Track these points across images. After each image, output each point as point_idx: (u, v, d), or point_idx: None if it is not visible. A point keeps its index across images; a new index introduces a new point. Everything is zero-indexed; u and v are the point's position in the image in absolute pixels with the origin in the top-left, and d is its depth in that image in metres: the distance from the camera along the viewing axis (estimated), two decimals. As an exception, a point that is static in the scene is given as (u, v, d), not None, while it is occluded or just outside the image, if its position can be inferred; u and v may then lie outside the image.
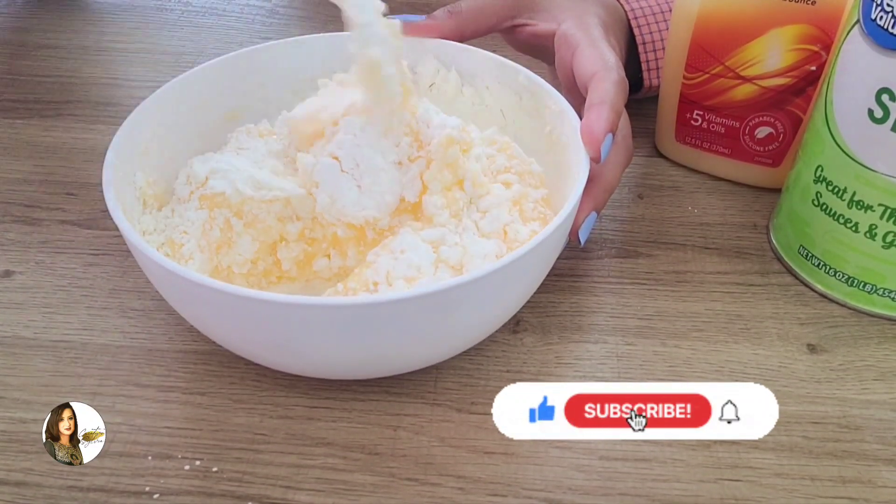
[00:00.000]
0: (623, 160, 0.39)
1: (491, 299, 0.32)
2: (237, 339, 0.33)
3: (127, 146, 0.36)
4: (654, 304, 0.40)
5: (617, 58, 0.39)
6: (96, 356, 0.37)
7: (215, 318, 0.32)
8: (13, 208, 0.45)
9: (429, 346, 0.33)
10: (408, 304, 0.29)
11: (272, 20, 0.65)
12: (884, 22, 0.33)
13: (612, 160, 0.38)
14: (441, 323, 0.31)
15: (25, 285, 0.40)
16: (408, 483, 0.32)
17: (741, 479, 0.32)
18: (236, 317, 0.30)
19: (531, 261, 0.32)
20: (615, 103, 0.36)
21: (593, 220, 0.38)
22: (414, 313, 0.30)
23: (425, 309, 0.30)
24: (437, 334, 0.32)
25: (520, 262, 0.30)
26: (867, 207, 0.36)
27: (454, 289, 0.29)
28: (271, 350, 0.33)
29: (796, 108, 0.43)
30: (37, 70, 0.58)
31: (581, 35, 0.40)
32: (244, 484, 0.32)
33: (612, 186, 0.38)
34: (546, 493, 0.32)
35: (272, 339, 0.31)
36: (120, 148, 0.35)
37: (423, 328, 0.31)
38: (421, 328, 0.31)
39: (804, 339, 0.38)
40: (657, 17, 0.47)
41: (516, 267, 0.31)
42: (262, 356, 0.34)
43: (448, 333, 0.33)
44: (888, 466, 0.33)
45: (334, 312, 0.29)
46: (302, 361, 0.33)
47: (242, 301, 0.29)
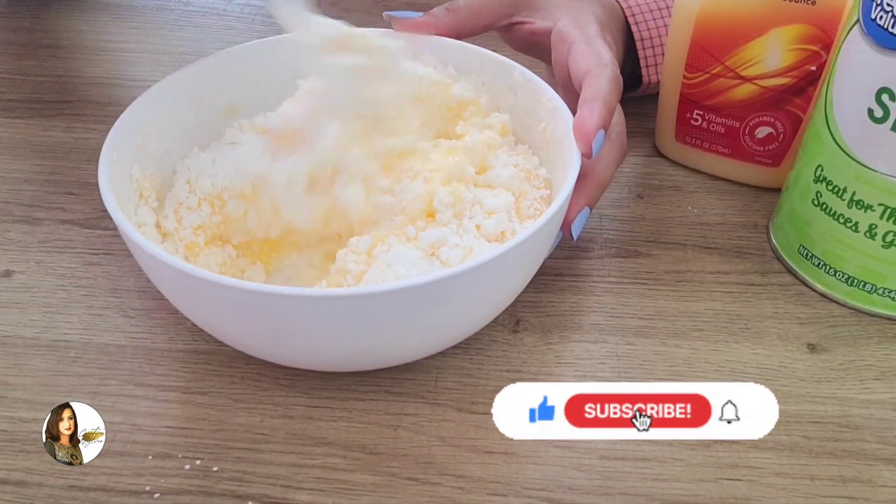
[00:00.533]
0: (616, 156, 0.39)
1: (480, 293, 0.32)
2: (233, 331, 0.33)
3: (124, 140, 0.36)
4: (654, 303, 0.40)
5: (612, 55, 0.39)
6: (97, 356, 0.37)
7: (211, 311, 0.32)
8: (14, 208, 0.45)
9: (420, 339, 0.33)
10: (395, 295, 0.29)
11: (272, 20, 0.64)
12: (884, 22, 0.33)
13: (605, 156, 0.38)
14: (431, 316, 0.31)
15: (26, 285, 0.40)
16: (408, 482, 0.32)
17: (741, 479, 0.32)
18: (230, 308, 0.31)
19: (520, 254, 0.32)
20: (608, 100, 0.36)
21: (586, 216, 0.37)
22: (402, 305, 0.30)
23: (413, 301, 0.30)
24: (428, 327, 0.32)
25: (508, 256, 0.31)
26: (867, 207, 0.36)
27: (442, 281, 0.29)
28: (263, 340, 0.33)
29: (796, 108, 0.43)
30: (37, 70, 0.58)
31: (577, 32, 0.40)
32: (244, 483, 0.32)
33: (605, 182, 0.38)
34: (546, 493, 0.32)
35: (265, 329, 0.31)
36: (116, 141, 0.35)
37: (412, 321, 0.31)
38: (410, 321, 0.31)
39: (804, 338, 0.38)
40: (654, 13, 0.47)
41: (505, 261, 0.31)
42: (253, 346, 0.34)
43: (439, 327, 0.33)
44: (888, 466, 0.33)
45: (325, 304, 0.29)
46: (296, 353, 0.33)
47: (235, 292, 0.29)
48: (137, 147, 0.37)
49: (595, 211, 0.45)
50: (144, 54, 0.59)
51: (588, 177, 0.37)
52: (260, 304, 0.29)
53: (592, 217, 0.45)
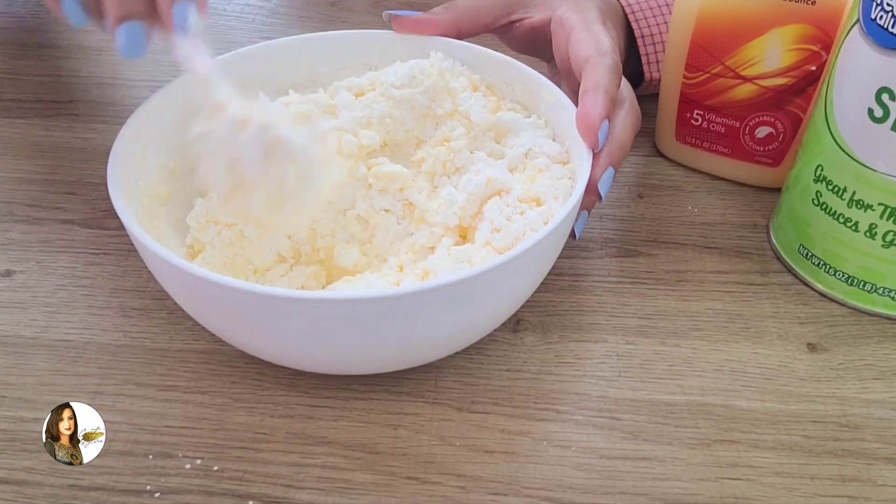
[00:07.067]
0: (633, 121, 0.38)
1: (489, 297, 0.32)
2: (237, 334, 0.33)
3: (131, 145, 0.36)
4: (654, 303, 0.40)
5: (612, 41, 0.39)
6: (97, 355, 0.37)
7: (221, 314, 0.32)
8: (14, 208, 0.45)
9: (429, 343, 0.33)
10: (409, 299, 0.29)
11: (272, 20, 0.65)
12: (884, 22, 0.33)
13: (620, 122, 0.37)
14: (440, 319, 0.31)
15: (26, 285, 0.40)
16: (408, 482, 0.32)
17: (741, 478, 0.32)
18: (238, 311, 0.31)
19: (530, 258, 0.32)
20: (609, 89, 0.36)
21: (611, 176, 0.37)
22: (415, 309, 0.30)
23: (425, 304, 0.30)
24: (438, 331, 0.32)
25: (520, 260, 0.31)
26: (867, 207, 0.36)
27: (454, 285, 0.29)
28: (263, 340, 0.33)
29: (796, 108, 0.43)
30: (37, 70, 0.58)
31: (576, 18, 0.41)
32: (245, 483, 0.32)
33: (624, 145, 0.37)
34: (546, 492, 0.32)
35: (267, 331, 0.31)
36: (124, 146, 0.35)
37: (423, 324, 0.31)
38: (421, 324, 0.31)
39: (804, 338, 0.38)
40: (654, 10, 0.47)
41: (516, 264, 0.31)
42: (256, 347, 0.34)
43: (448, 330, 0.33)
44: (888, 465, 0.33)
45: (335, 308, 0.29)
46: (303, 355, 0.33)
47: (243, 295, 0.29)
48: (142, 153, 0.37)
49: (595, 211, 0.45)
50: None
51: (609, 140, 0.37)
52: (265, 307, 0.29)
53: (592, 217, 0.45)
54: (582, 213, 0.38)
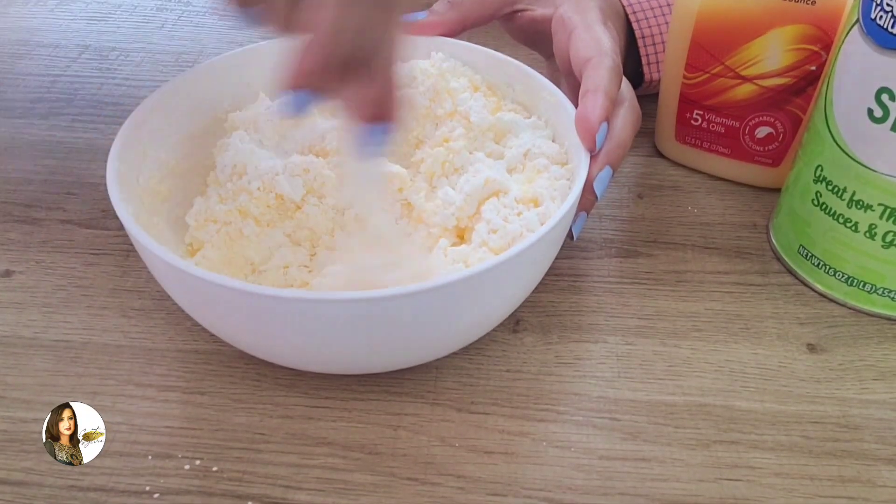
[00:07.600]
0: (633, 120, 0.38)
1: (486, 297, 0.32)
2: (236, 334, 0.33)
3: (130, 144, 0.36)
4: (653, 303, 0.40)
5: (613, 42, 0.39)
6: (96, 356, 0.37)
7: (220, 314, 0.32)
8: (13, 208, 0.45)
9: (427, 343, 0.33)
10: (408, 299, 0.29)
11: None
12: (884, 22, 0.33)
13: (620, 121, 0.37)
14: (437, 319, 0.31)
15: (25, 285, 0.40)
16: (408, 482, 0.32)
17: (741, 479, 0.32)
18: (237, 311, 0.31)
19: (526, 259, 0.32)
20: (609, 90, 0.36)
21: (608, 175, 0.37)
22: (414, 308, 0.30)
23: (425, 304, 0.30)
24: (435, 331, 0.32)
25: (515, 260, 0.30)
26: (867, 207, 0.36)
27: (452, 284, 0.29)
28: (262, 340, 0.33)
29: (796, 108, 0.43)
30: (37, 70, 0.58)
31: (577, 18, 0.41)
32: (244, 483, 0.32)
33: (623, 143, 0.37)
34: (546, 493, 0.32)
35: (266, 330, 0.31)
36: (124, 144, 0.35)
37: (420, 324, 0.31)
38: (418, 324, 0.31)
39: (804, 338, 0.38)
40: (655, 11, 0.48)
41: (512, 265, 0.31)
42: (255, 347, 0.34)
43: (446, 330, 0.33)
44: (888, 466, 0.33)
45: (334, 308, 0.29)
46: (302, 355, 0.33)
47: (242, 295, 0.29)
48: (143, 151, 0.37)
49: (595, 211, 0.45)
50: (144, 54, 0.60)
51: (608, 138, 0.37)
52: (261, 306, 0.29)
53: (592, 217, 0.45)
54: (580, 215, 0.38)
